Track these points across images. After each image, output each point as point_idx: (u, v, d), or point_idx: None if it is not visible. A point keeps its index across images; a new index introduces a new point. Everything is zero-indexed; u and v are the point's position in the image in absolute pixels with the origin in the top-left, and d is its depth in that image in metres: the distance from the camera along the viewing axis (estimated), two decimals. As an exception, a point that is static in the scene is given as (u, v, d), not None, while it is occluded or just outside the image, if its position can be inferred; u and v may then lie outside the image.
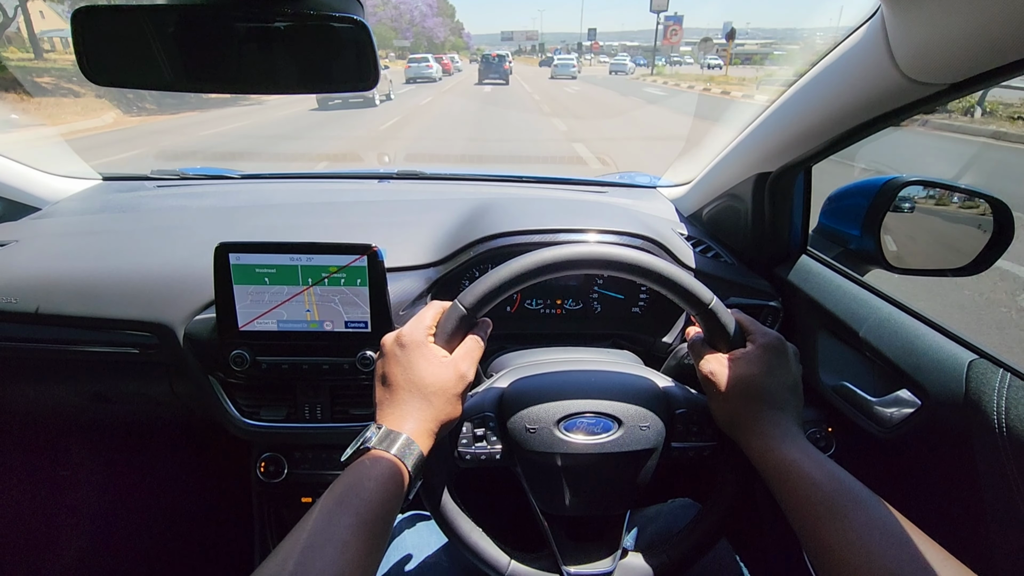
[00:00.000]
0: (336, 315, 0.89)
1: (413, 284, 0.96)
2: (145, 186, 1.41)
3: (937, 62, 0.52)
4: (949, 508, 0.67)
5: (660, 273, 0.61)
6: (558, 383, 0.67)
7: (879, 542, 0.44)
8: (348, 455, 0.54)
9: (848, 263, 0.93)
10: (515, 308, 1.09)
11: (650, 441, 0.63)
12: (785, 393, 0.59)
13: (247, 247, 0.85)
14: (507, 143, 9.14)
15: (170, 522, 1.46)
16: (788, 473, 0.52)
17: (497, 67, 26.52)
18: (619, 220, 1.03)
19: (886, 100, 0.61)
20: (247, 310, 0.88)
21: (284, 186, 1.44)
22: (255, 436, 0.98)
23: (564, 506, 0.64)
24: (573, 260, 0.61)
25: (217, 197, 1.33)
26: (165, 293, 0.95)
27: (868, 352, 0.79)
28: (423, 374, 0.56)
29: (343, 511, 0.47)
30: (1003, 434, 0.58)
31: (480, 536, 0.64)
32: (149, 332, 0.94)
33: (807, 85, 0.74)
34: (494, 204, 1.12)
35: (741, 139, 0.96)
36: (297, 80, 0.60)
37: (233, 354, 0.90)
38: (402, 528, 0.86)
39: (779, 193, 0.94)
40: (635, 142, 9.25)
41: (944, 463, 0.67)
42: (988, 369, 0.63)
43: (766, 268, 1.03)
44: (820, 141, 0.76)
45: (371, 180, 1.48)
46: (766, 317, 0.98)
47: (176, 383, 1.01)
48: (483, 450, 0.64)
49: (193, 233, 1.07)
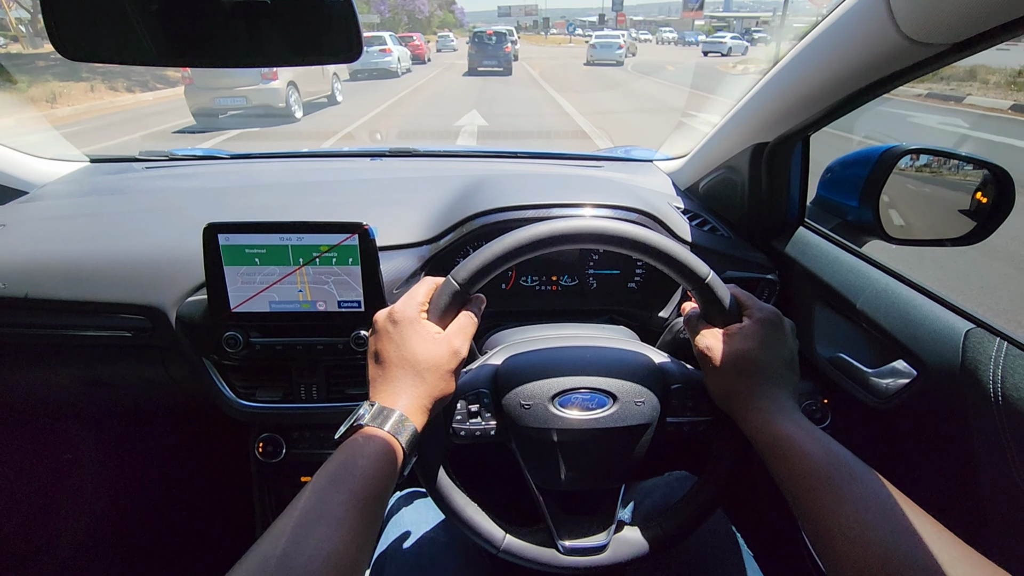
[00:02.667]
0: (328, 295, 0.88)
1: (406, 262, 0.95)
2: (133, 168, 1.39)
3: (938, 21, 0.50)
4: (945, 478, 0.68)
5: (657, 247, 0.60)
6: (553, 359, 0.66)
7: (874, 514, 0.44)
8: (341, 432, 0.54)
9: (846, 234, 0.92)
10: (510, 285, 1.08)
11: (645, 416, 0.62)
12: (781, 368, 0.59)
13: (236, 227, 0.84)
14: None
15: (170, 504, 1.48)
16: (784, 447, 0.52)
17: (495, 49, 18.58)
18: (615, 194, 1.02)
19: (887, 63, 0.59)
20: (238, 291, 0.87)
21: (274, 166, 1.42)
22: (252, 417, 0.98)
23: (559, 481, 0.64)
24: (569, 234, 0.60)
25: (206, 178, 1.31)
26: (156, 275, 0.94)
27: (865, 323, 0.79)
28: (416, 350, 0.56)
29: (337, 488, 0.47)
30: (999, 403, 0.58)
31: (475, 511, 0.64)
32: (142, 315, 0.94)
33: (805, 50, 0.72)
34: (488, 180, 1.10)
35: (738, 109, 0.94)
36: (282, 53, 0.59)
37: (226, 336, 0.89)
38: (400, 506, 0.86)
39: (776, 164, 0.93)
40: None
41: (940, 433, 0.67)
42: (984, 338, 0.62)
43: (763, 241, 1.02)
44: (819, 108, 0.74)
45: (363, 158, 1.46)
46: (763, 290, 0.97)
47: (171, 366, 1.01)
48: (478, 426, 0.64)
49: (183, 214, 1.06)
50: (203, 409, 1.09)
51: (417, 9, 71.57)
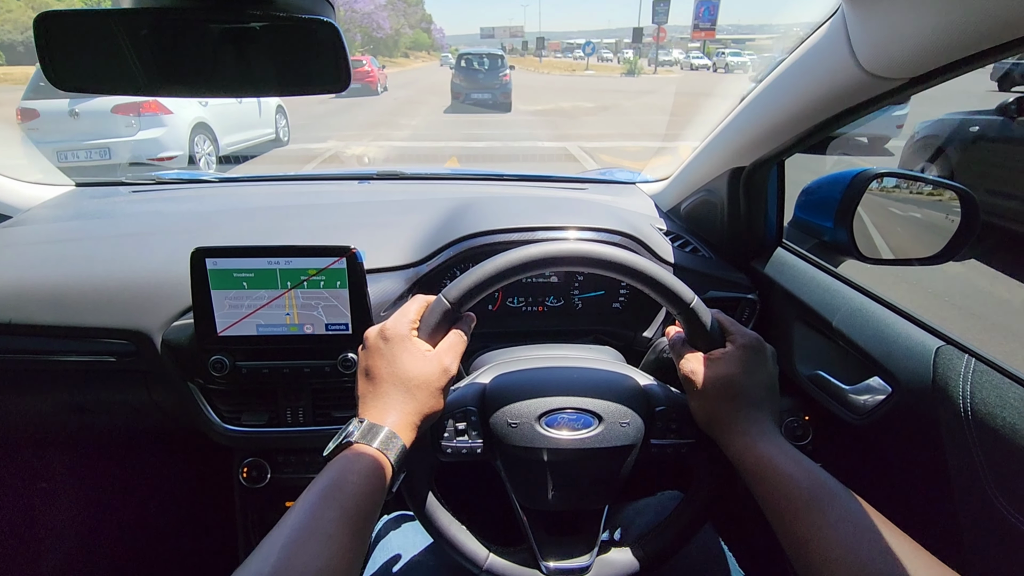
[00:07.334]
0: (316, 318, 0.89)
1: (394, 285, 0.96)
2: (119, 191, 1.39)
3: (896, 58, 0.54)
4: (921, 493, 0.69)
5: (643, 272, 0.62)
6: (540, 379, 0.67)
7: (852, 535, 0.46)
8: (331, 449, 0.54)
9: (822, 255, 0.95)
10: (497, 307, 1.10)
11: (629, 438, 0.63)
12: (763, 392, 0.60)
13: (224, 251, 0.85)
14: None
15: (153, 531, 1.45)
16: (766, 470, 0.53)
17: (488, 77, 13.80)
18: (599, 217, 1.04)
19: (849, 95, 0.63)
20: (225, 315, 0.87)
21: (262, 189, 1.43)
22: (237, 442, 0.97)
23: (543, 501, 0.65)
24: (557, 257, 0.62)
25: (194, 201, 1.32)
26: (142, 300, 0.94)
27: (841, 341, 0.81)
28: (406, 367, 0.57)
29: (327, 505, 0.47)
30: (968, 418, 0.60)
31: (459, 529, 0.64)
32: (126, 340, 0.93)
33: (774, 82, 0.76)
34: (474, 203, 1.12)
35: (715, 134, 0.98)
36: (270, 82, 0.60)
37: (212, 360, 0.89)
38: (388, 529, 0.86)
39: (753, 187, 0.96)
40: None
41: (915, 448, 0.69)
42: (954, 355, 0.65)
43: (743, 261, 1.05)
44: (789, 136, 0.78)
45: (351, 181, 1.48)
46: (743, 310, 0.99)
47: (155, 391, 1.00)
48: (464, 444, 0.64)
49: (170, 238, 1.06)
50: (186, 434, 1.08)
51: (375, 25, 56.39)
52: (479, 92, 13.89)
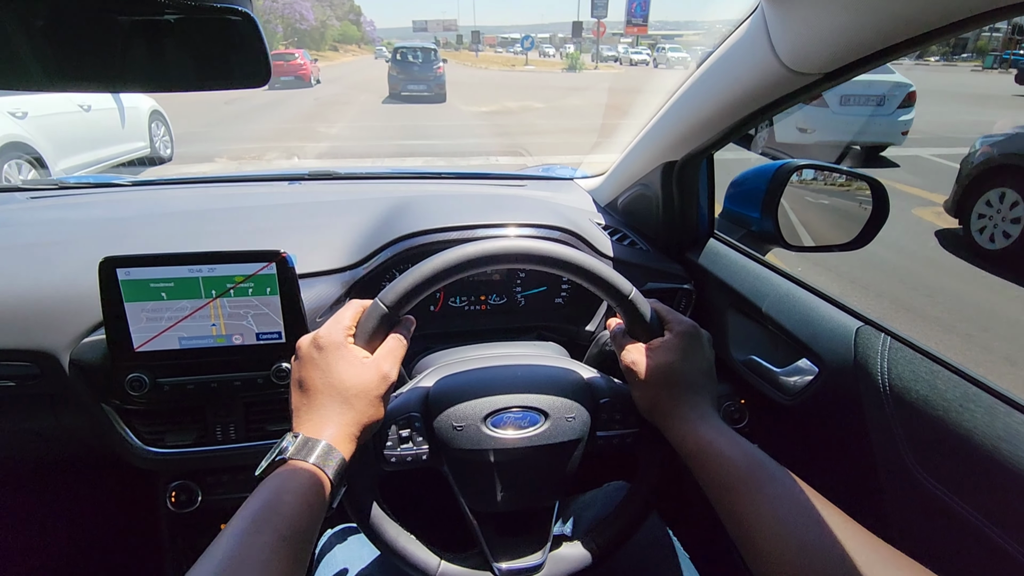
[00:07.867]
0: (246, 328, 0.84)
1: (329, 289, 0.92)
2: (16, 198, 1.26)
3: (812, 54, 0.56)
4: (849, 467, 0.74)
5: (582, 267, 0.62)
6: (483, 379, 0.66)
7: (789, 512, 0.48)
8: (263, 468, 0.51)
9: (751, 244, 0.99)
10: (439, 307, 1.08)
11: (575, 432, 0.64)
12: (701, 378, 0.62)
13: (137, 260, 0.78)
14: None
15: (70, 570, 1.32)
16: (706, 453, 0.54)
17: (423, 70, 14.80)
18: (538, 213, 1.04)
19: (770, 90, 0.65)
20: (143, 329, 0.81)
21: (183, 192, 1.34)
22: (161, 464, 0.90)
23: (493, 502, 0.64)
24: (496, 255, 0.61)
25: (104, 207, 1.21)
26: (44, 316, 0.85)
27: (771, 326, 0.85)
28: (343, 376, 0.54)
29: (260, 530, 0.44)
30: (887, 393, 0.64)
31: (408, 540, 0.63)
32: (28, 361, 0.84)
33: (701, 78, 0.78)
34: (411, 202, 1.09)
35: (647, 130, 1.00)
36: (188, 77, 0.55)
37: (129, 378, 0.82)
38: (332, 543, 0.82)
39: (685, 181, 0.99)
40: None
41: (842, 424, 0.73)
42: (872, 335, 0.69)
43: (678, 252, 1.08)
44: (716, 131, 0.80)
45: (281, 182, 1.40)
46: (680, 300, 1.02)
47: (63, 415, 0.91)
48: (409, 451, 0.62)
49: (76, 248, 0.97)
50: (101, 460, 0.99)
51: (298, 16, 54.03)
52: (415, 84, 14.72)
